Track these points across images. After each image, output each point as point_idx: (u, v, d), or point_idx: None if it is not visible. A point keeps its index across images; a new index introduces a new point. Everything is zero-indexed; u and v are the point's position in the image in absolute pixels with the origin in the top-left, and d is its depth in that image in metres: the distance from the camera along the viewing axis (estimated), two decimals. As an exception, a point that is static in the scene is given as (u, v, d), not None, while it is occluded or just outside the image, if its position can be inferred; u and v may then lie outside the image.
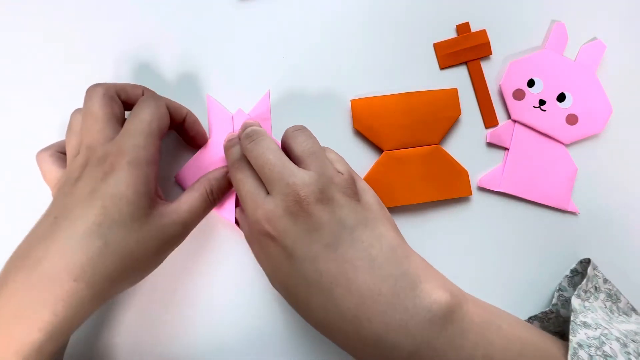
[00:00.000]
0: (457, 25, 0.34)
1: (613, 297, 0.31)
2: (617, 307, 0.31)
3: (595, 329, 0.26)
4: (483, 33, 0.34)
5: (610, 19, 0.34)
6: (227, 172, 0.30)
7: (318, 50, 0.34)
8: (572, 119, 0.34)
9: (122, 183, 0.25)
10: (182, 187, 0.33)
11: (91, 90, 0.27)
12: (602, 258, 0.34)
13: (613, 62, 0.34)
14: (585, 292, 0.30)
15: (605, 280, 0.32)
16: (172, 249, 0.28)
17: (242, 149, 0.28)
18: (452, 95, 0.33)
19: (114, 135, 0.26)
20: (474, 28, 0.34)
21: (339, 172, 0.27)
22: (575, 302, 0.28)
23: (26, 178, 0.33)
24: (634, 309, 0.31)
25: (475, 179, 0.34)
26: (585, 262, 0.32)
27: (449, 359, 0.23)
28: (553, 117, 0.34)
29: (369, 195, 0.27)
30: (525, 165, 0.34)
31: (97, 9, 0.34)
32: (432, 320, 0.23)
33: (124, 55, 0.33)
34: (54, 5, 0.34)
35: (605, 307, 0.30)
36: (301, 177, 0.25)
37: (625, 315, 0.30)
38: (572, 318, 0.27)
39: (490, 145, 0.34)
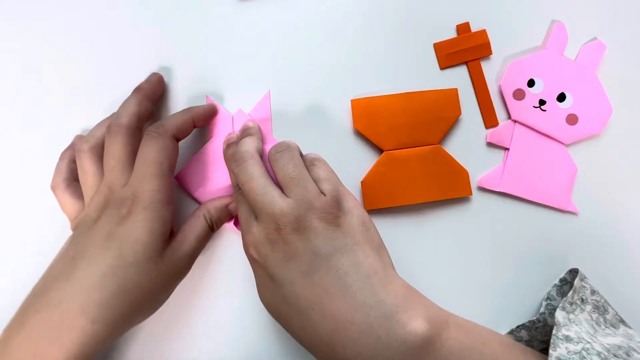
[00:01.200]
0: (457, 25, 0.34)
1: (600, 308, 0.31)
2: (605, 319, 0.30)
3: (577, 342, 0.25)
4: (483, 33, 0.34)
5: (610, 19, 0.34)
6: (228, 204, 0.31)
7: (318, 50, 0.34)
8: (572, 119, 0.34)
9: (139, 227, 0.26)
10: (182, 187, 0.33)
11: (115, 129, 0.28)
12: (602, 258, 0.34)
13: (613, 62, 0.34)
14: (571, 304, 0.29)
15: (593, 292, 0.31)
16: (182, 280, 0.29)
17: (230, 171, 0.29)
18: (452, 96, 0.33)
19: (129, 175, 0.27)
20: (474, 28, 0.34)
21: (322, 193, 0.26)
22: (559, 315, 0.28)
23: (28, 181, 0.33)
24: (622, 321, 0.31)
25: (475, 179, 0.34)
26: (574, 272, 0.32)
27: None
28: (553, 117, 0.34)
29: (353, 217, 0.26)
30: (525, 165, 0.34)
31: (97, 9, 0.34)
32: (406, 352, 0.23)
33: (123, 56, 0.33)
34: (54, 4, 0.34)
35: (592, 320, 0.30)
36: (279, 207, 0.25)
37: (612, 328, 0.30)
38: (554, 332, 0.26)
39: (490, 145, 0.34)
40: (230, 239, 0.33)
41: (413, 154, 0.33)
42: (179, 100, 0.33)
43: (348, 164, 0.33)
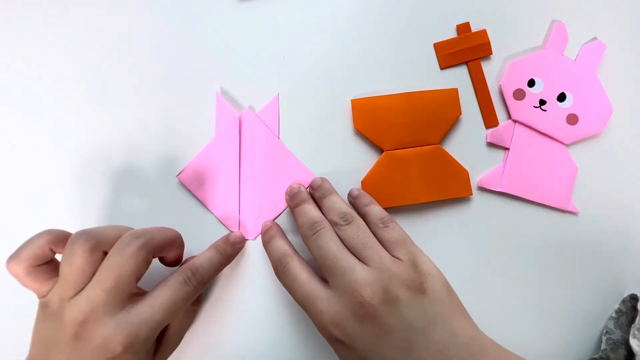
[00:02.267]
0: (457, 25, 0.34)
1: None
2: None
3: None
4: (483, 33, 0.34)
5: (610, 19, 0.34)
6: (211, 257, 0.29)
7: (318, 50, 0.34)
8: (572, 119, 0.34)
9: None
10: (185, 186, 0.33)
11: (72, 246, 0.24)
12: (602, 258, 0.34)
13: (613, 62, 0.34)
14: (639, 330, 0.29)
15: None
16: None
17: (304, 237, 0.28)
18: (452, 95, 0.33)
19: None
20: (474, 28, 0.34)
21: (397, 258, 0.26)
22: (633, 343, 0.27)
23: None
24: None
25: (475, 179, 0.34)
26: (629, 300, 0.31)
27: None
28: (553, 117, 0.34)
29: (435, 280, 0.25)
30: (525, 165, 0.34)
31: (100, 10, 0.34)
32: None
33: (123, 55, 0.34)
34: (54, 4, 0.34)
35: None
36: (362, 276, 0.24)
37: None
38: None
39: (491, 145, 0.34)
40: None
41: (413, 154, 0.33)
42: (179, 100, 0.33)
43: (348, 163, 0.33)
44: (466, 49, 0.34)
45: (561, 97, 0.34)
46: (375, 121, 0.32)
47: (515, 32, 0.34)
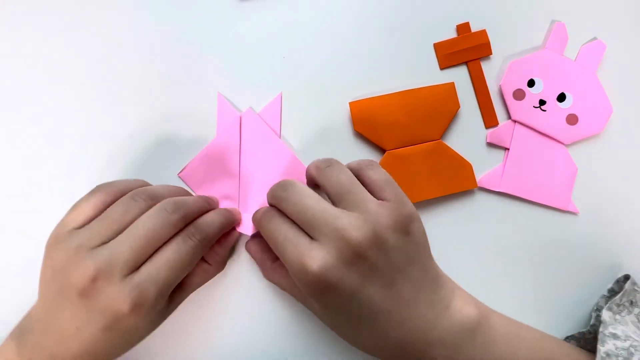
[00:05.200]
0: (457, 25, 0.34)
1: None
2: None
3: (625, 340, 0.26)
4: (483, 33, 0.34)
5: (610, 19, 0.34)
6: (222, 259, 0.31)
7: (318, 51, 0.34)
8: (572, 119, 0.34)
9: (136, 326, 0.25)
10: (186, 184, 0.33)
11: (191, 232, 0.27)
12: (602, 258, 0.34)
13: (613, 62, 0.34)
14: (618, 305, 0.30)
15: None
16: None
17: (275, 198, 0.27)
18: (449, 89, 0.33)
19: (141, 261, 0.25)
20: (474, 28, 0.34)
21: (384, 199, 0.25)
22: (605, 314, 0.29)
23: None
24: None
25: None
26: (622, 281, 0.32)
27: None
28: (553, 117, 0.34)
29: (418, 222, 0.26)
30: (525, 165, 0.34)
31: (101, 10, 0.34)
32: (464, 334, 0.25)
33: (123, 55, 0.34)
34: (55, 6, 0.34)
35: (638, 322, 0.30)
36: (349, 221, 0.24)
37: None
38: (600, 329, 0.27)
39: (490, 145, 0.34)
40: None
41: (415, 152, 0.33)
42: (180, 100, 0.33)
43: (348, 164, 0.33)
44: (466, 49, 0.34)
45: (561, 97, 0.34)
46: (375, 122, 0.32)
47: (515, 32, 0.34)
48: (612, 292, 0.32)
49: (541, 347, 0.27)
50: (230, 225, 0.30)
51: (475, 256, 0.34)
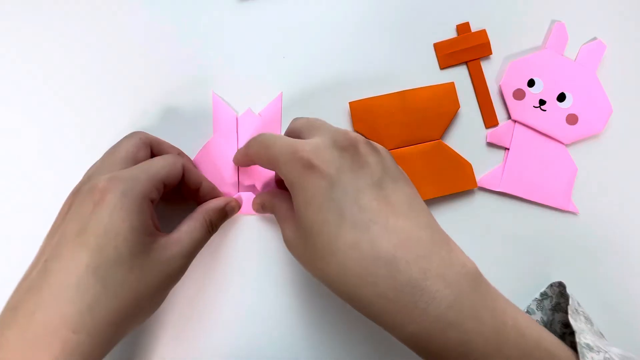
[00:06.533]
0: (457, 25, 0.34)
1: (589, 320, 0.29)
2: (594, 331, 0.29)
3: (598, 352, 0.24)
4: (483, 33, 0.34)
5: (610, 19, 0.34)
6: (226, 204, 0.30)
7: (318, 51, 0.34)
8: (572, 119, 0.34)
9: (115, 216, 0.22)
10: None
11: (130, 134, 0.28)
12: (602, 258, 0.34)
13: (613, 62, 0.34)
14: (573, 312, 0.28)
15: (579, 304, 0.30)
16: (176, 283, 0.26)
17: (254, 156, 0.27)
18: (449, 89, 0.33)
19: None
20: (474, 28, 0.34)
21: None
22: (573, 322, 0.26)
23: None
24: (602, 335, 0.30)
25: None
26: (557, 286, 0.31)
27: (483, 320, 0.21)
28: (553, 117, 0.34)
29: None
30: (525, 165, 0.34)
31: (100, 10, 0.34)
32: (467, 275, 0.22)
33: (122, 55, 0.34)
34: (56, 6, 0.34)
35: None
36: (340, 130, 0.25)
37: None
38: (577, 340, 0.24)
39: (490, 145, 0.34)
40: (242, 229, 0.33)
41: (416, 152, 0.33)
42: (178, 100, 0.33)
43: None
44: (466, 49, 0.34)
45: (561, 97, 0.34)
46: (375, 121, 0.32)
47: (515, 32, 0.34)
48: (544, 296, 0.32)
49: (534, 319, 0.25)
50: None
51: (475, 256, 0.33)
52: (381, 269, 0.21)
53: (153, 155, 0.29)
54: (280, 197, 0.28)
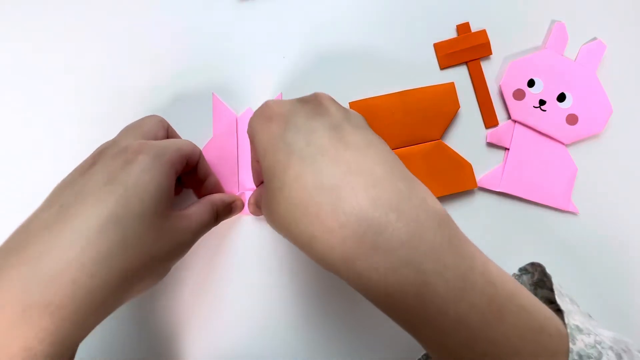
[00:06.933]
0: (457, 25, 0.34)
1: (574, 302, 0.27)
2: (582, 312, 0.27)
3: (588, 334, 0.22)
4: (483, 33, 0.34)
5: (610, 19, 0.34)
6: (234, 201, 0.31)
7: (318, 51, 0.34)
8: (572, 119, 0.34)
9: (146, 173, 0.23)
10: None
11: (150, 115, 0.29)
12: (602, 258, 0.34)
13: (613, 62, 0.34)
14: (559, 293, 0.26)
15: (561, 285, 0.28)
16: (180, 257, 0.26)
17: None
18: (449, 90, 0.33)
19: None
20: (474, 28, 0.34)
21: None
22: (560, 302, 0.24)
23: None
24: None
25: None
26: (538, 265, 0.29)
27: (446, 262, 0.19)
28: (553, 117, 0.34)
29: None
30: (525, 165, 0.34)
31: (100, 10, 0.34)
32: (429, 212, 0.20)
33: (122, 55, 0.34)
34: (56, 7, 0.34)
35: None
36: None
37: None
38: (566, 320, 0.22)
39: (490, 145, 0.34)
40: (242, 229, 0.33)
41: (416, 152, 0.33)
42: (179, 101, 0.33)
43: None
44: (466, 49, 0.34)
45: (561, 97, 0.34)
46: (375, 121, 0.32)
47: (515, 32, 0.34)
48: (523, 271, 0.29)
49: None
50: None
51: (475, 256, 0.34)
52: (324, 197, 0.20)
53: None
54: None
